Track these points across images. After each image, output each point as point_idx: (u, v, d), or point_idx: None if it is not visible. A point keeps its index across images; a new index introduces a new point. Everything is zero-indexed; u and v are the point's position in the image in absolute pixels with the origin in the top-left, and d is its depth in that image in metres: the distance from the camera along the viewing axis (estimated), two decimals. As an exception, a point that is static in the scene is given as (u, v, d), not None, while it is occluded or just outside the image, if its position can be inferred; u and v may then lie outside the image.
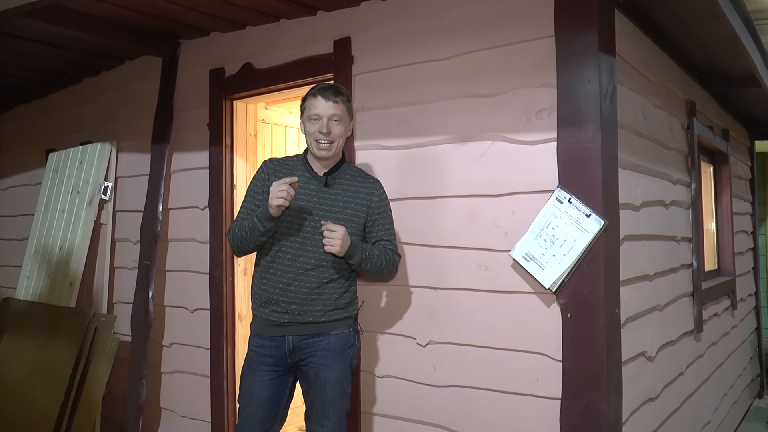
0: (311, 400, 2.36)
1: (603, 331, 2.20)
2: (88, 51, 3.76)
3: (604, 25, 2.30)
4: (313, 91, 2.37)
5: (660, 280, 2.90)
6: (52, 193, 4.22)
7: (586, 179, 2.25)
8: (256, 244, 2.36)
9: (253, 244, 2.35)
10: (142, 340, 3.50)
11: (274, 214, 2.22)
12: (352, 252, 2.29)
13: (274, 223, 2.26)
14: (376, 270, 2.40)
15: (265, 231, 2.28)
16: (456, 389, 2.53)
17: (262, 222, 2.26)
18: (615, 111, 2.35)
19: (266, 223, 2.25)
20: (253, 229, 2.29)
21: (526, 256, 2.33)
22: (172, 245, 3.62)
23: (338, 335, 2.37)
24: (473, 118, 2.51)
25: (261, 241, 2.34)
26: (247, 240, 2.33)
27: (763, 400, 5.52)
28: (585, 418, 2.21)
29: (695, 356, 3.44)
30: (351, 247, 2.28)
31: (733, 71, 3.65)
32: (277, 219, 2.26)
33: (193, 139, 3.50)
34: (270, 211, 2.22)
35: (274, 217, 2.23)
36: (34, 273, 4.13)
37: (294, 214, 2.34)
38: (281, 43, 3.14)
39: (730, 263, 4.40)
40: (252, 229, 2.29)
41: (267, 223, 2.25)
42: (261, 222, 2.26)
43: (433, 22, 2.63)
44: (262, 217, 2.26)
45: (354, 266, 2.37)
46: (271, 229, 2.29)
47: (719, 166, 4.47)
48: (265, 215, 2.24)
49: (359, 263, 2.33)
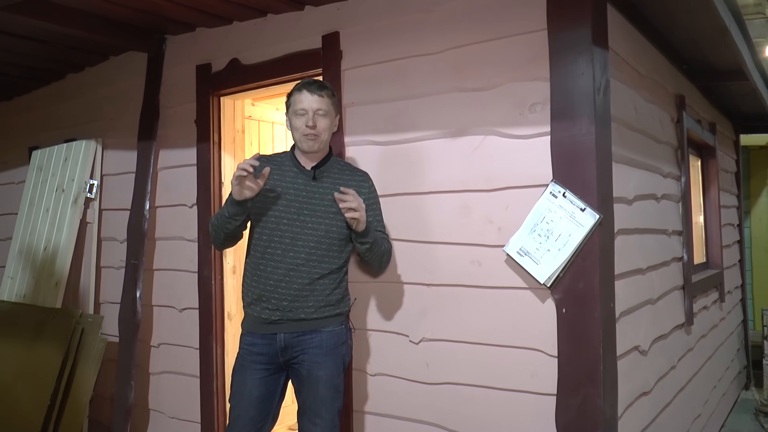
0: (303, 399, 2.33)
1: (598, 326, 2.19)
2: (71, 46, 3.69)
3: (596, 18, 2.28)
4: (298, 86, 2.38)
5: (652, 274, 2.90)
6: (36, 192, 4.14)
7: (581, 173, 2.23)
8: (226, 233, 2.36)
9: (223, 232, 2.36)
10: (130, 340, 3.45)
11: (236, 196, 2.23)
12: (369, 228, 2.31)
13: (239, 207, 2.26)
14: (379, 254, 2.43)
15: (231, 216, 2.29)
16: (449, 386, 2.51)
17: (227, 207, 2.28)
18: (608, 104, 2.34)
19: (230, 208, 2.28)
20: (221, 215, 2.32)
21: (521, 252, 2.31)
22: (160, 244, 3.57)
23: (330, 332, 2.35)
24: (465, 112, 2.48)
25: (230, 229, 2.34)
26: (219, 227, 2.36)
27: (750, 392, 5.56)
28: (581, 414, 2.20)
29: (686, 349, 3.45)
30: (368, 224, 2.31)
31: (722, 65, 3.66)
32: (243, 204, 2.26)
33: (180, 136, 3.45)
34: (233, 193, 2.23)
35: (238, 201, 2.24)
36: (18, 273, 4.05)
37: (283, 210, 2.32)
38: (268, 38, 3.09)
39: (718, 256, 4.43)
40: (221, 215, 2.32)
41: (231, 208, 2.27)
42: (227, 207, 2.29)
43: (423, 16, 2.60)
44: (228, 202, 2.28)
45: (366, 246, 2.36)
46: (236, 215, 2.29)
47: (707, 160, 4.49)
48: (230, 200, 2.26)
49: (372, 243, 2.36)
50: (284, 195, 2.34)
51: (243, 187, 2.20)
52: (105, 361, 3.50)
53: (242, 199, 2.24)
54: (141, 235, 3.50)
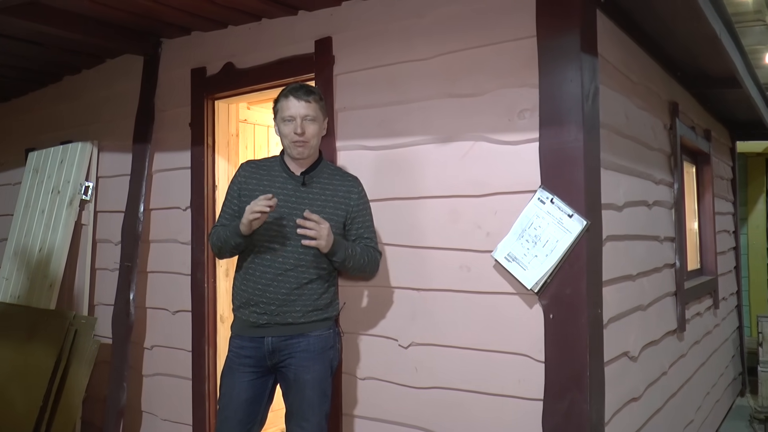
0: (291, 402, 2.34)
1: (585, 332, 2.20)
2: (68, 49, 3.71)
3: (585, 25, 2.30)
4: (284, 92, 2.36)
5: (643, 280, 2.91)
6: (32, 193, 4.16)
7: (569, 179, 2.24)
8: (232, 253, 2.42)
9: (229, 252, 2.42)
10: (123, 342, 3.46)
11: (244, 231, 2.25)
12: (336, 248, 2.27)
13: (244, 239, 2.30)
14: (358, 268, 2.39)
15: (236, 245, 2.34)
16: (438, 391, 2.51)
17: (233, 237, 2.32)
18: (597, 111, 2.35)
19: (236, 239, 2.31)
20: (226, 241, 2.36)
21: (508, 257, 2.32)
22: (154, 246, 3.58)
23: (318, 336, 2.35)
24: (455, 118, 2.50)
25: (236, 252, 2.41)
26: (223, 249, 2.41)
27: (745, 399, 5.56)
28: (567, 418, 2.21)
29: (678, 355, 3.45)
30: (335, 244, 2.26)
31: (715, 72, 3.67)
32: (248, 236, 2.29)
33: (175, 139, 3.46)
34: (241, 228, 2.25)
35: (244, 234, 2.27)
36: (13, 274, 4.06)
37: (273, 215, 2.32)
38: (263, 42, 3.11)
39: (712, 263, 4.43)
40: (226, 240, 2.36)
41: (236, 239, 2.31)
42: (232, 236, 2.32)
43: (414, 22, 2.62)
44: (233, 233, 2.31)
45: (337, 264, 2.35)
46: (241, 244, 2.34)
47: (701, 167, 4.50)
48: (236, 231, 2.28)
49: (343, 261, 2.32)
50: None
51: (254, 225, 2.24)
52: (98, 362, 3.51)
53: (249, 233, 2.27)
54: (135, 237, 3.51)
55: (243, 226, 2.23)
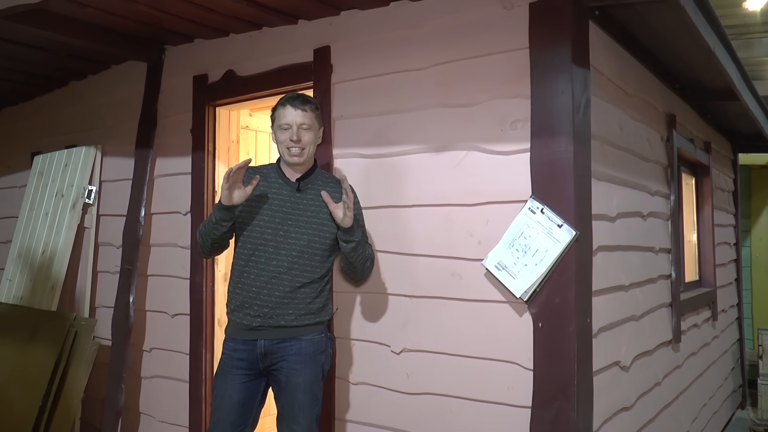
0: (282, 405, 2.38)
1: (573, 341, 2.22)
2: (73, 55, 3.77)
3: (577, 37, 2.33)
4: (282, 101, 2.44)
5: (636, 291, 2.92)
6: (36, 196, 4.22)
7: (559, 190, 2.27)
8: (213, 239, 2.42)
9: (210, 238, 2.42)
10: (123, 344, 3.50)
11: (224, 201, 2.30)
12: (355, 228, 2.37)
13: (226, 213, 2.33)
14: (363, 258, 2.47)
15: (218, 221, 2.35)
16: (429, 397, 2.54)
17: (215, 212, 2.35)
18: (588, 122, 2.38)
19: (218, 213, 2.34)
20: (208, 221, 2.40)
21: (499, 266, 2.35)
22: (154, 250, 3.63)
23: (310, 340, 2.39)
24: (449, 127, 2.53)
25: (217, 235, 2.40)
26: (206, 234, 2.43)
27: (745, 411, 5.54)
28: (555, 426, 2.22)
29: (673, 366, 3.45)
30: (354, 225, 2.37)
31: (712, 85, 3.69)
32: (231, 210, 2.32)
33: (177, 145, 3.51)
34: (222, 200, 2.30)
35: (226, 206, 2.30)
36: (17, 276, 4.12)
37: (267, 219, 2.39)
38: (263, 50, 3.16)
39: (711, 274, 4.43)
40: (208, 221, 2.40)
41: (219, 213, 2.34)
42: (214, 212, 2.35)
43: (409, 32, 2.66)
44: (216, 207, 2.35)
45: (351, 246, 2.40)
46: (223, 220, 2.35)
47: (701, 178, 4.51)
48: (218, 205, 2.33)
49: (356, 244, 2.39)
50: (269, 205, 2.41)
51: (232, 192, 2.27)
52: (97, 364, 3.55)
53: (230, 205, 2.30)
54: (136, 241, 3.56)
55: (223, 198, 2.29)
